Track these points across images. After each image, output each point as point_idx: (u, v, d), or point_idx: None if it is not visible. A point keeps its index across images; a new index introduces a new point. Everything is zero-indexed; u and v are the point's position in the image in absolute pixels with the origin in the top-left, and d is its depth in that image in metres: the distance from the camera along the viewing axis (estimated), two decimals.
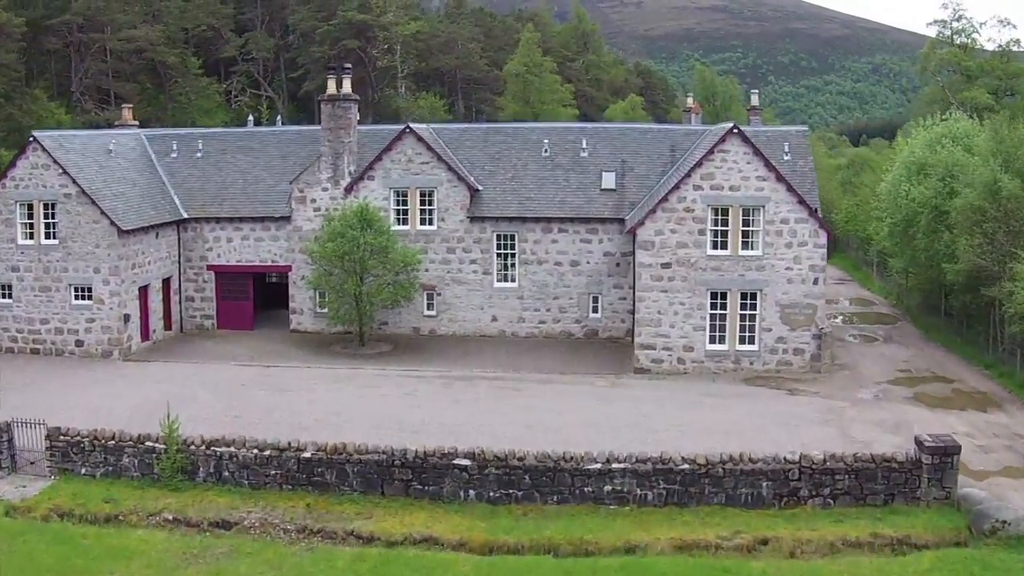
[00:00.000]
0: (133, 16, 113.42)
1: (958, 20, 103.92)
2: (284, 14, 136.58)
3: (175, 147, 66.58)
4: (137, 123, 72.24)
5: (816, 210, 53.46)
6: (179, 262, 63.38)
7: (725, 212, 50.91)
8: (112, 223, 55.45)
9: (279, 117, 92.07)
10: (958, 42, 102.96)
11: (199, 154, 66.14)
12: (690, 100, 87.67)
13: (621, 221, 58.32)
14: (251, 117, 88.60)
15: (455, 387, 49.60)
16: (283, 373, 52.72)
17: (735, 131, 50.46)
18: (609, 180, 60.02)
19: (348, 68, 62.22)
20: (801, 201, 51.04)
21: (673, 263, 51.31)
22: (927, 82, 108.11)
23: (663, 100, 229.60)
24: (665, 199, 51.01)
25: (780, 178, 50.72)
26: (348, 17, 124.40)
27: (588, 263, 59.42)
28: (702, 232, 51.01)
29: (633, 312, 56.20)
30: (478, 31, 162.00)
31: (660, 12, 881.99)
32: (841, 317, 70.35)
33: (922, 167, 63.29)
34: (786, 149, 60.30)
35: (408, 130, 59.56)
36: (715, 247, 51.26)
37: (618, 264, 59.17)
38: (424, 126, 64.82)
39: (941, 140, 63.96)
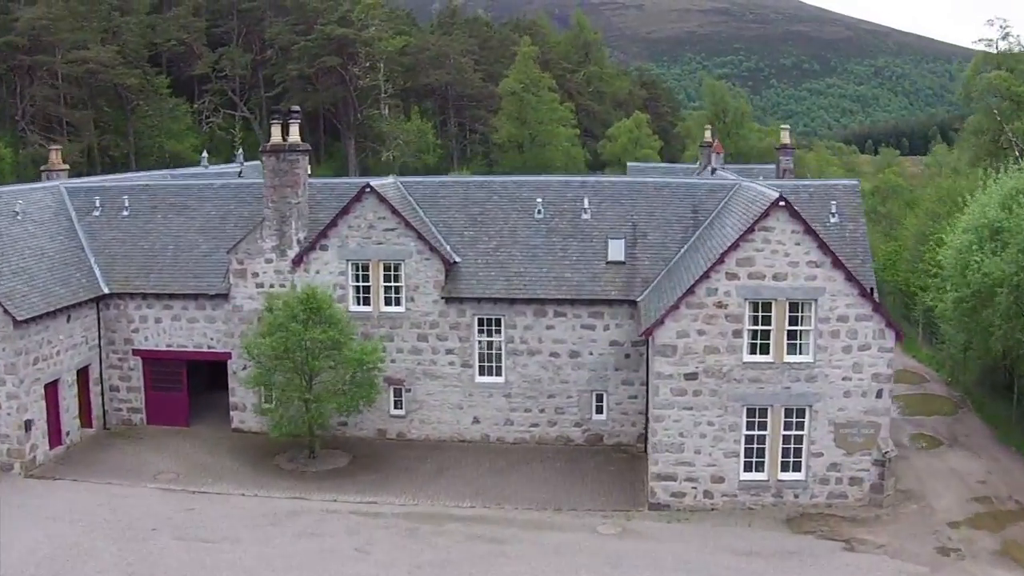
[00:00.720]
0: (89, 34, 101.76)
1: (1005, 38, 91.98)
2: (262, 27, 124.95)
3: (98, 204, 54.96)
4: (67, 168, 61.13)
5: (873, 291, 42.09)
6: (100, 346, 51.68)
7: (767, 308, 39.30)
8: (6, 312, 43.81)
9: (239, 155, 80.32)
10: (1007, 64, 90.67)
11: (125, 213, 54.45)
12: (708, 133, 75.58)
13: (632, 303, 46.69)
14: (204, 155, 77.02)
15: (420, 535, 38.18)
16: (208, 508, 41.21)
17: (781, 203, 38.70)
18: (617, 250, 48.22)
19: (296, 112, 50.10)
20: (864, 293, 39.36)
21: (700, 373, 39.70)
22: (973, 109, 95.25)
23: (668, 111, 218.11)
24: (691, 292, 39.33)
25: (837, 263, 39.07)
26: (327, 32, 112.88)
27: (591, 354, 47.67)
28: (737, 334, 39.38)
29: (647, 432, 44.69)
30: (472, 42, 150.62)
31: (662, 15, 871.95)
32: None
33: (996, 232, 51.03)
34: (833, 209, 48.74)
35: (368, 190, 47.76)
36: (754, 352, 39.60)
37: (628, 355, 47.45)
38: (391, 180, 52.79)
39: (1017, 197, 51.49)
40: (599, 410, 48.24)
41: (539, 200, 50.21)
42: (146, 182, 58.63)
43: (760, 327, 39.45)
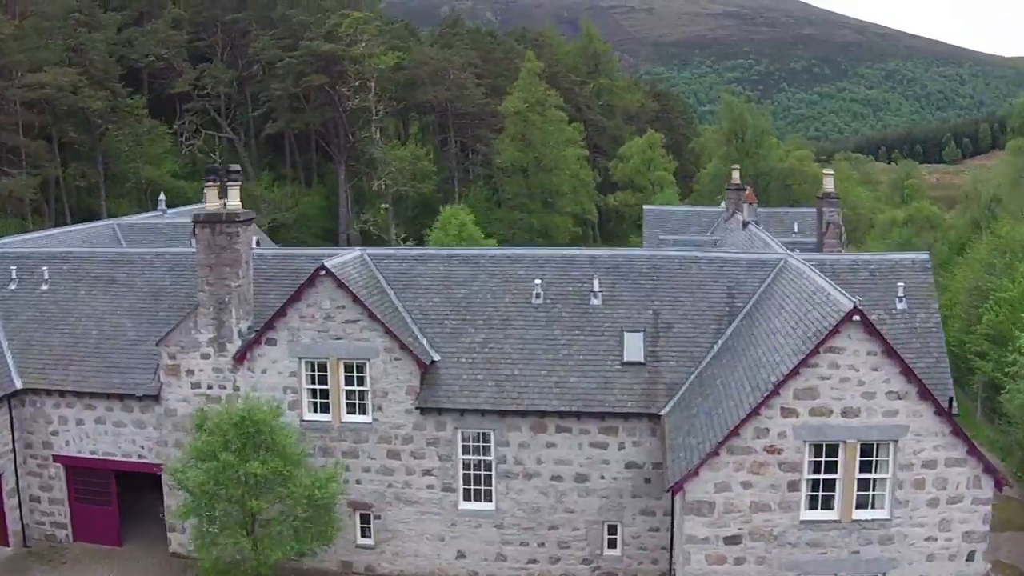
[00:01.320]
0: (51, 53, 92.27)
1: None
2: (247, 41, 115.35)
3: (14, 275, 45.50)
4: None
5: (952, 402, 33.00)
6: (15, 450, 42.22)
7: (833, 452, 29.60)
8: None
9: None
10: None
11: (44, 287, 44.88)
12: (736, 174, 65.62)
13: (653, 417, 37.02)
14: (161, 198, 67.61)
15: None
16: None
17: (856, 318, 28.96)
18: (635, 346, 38.55)
19: (236, 172, 40.10)
20: (956, 431, 29.67)
21: (744, 536, 30.06)
22: None
23: (682, 123, 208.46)
24: (735, 434, 29.58)
25: (925, 393, 29.43)
26: (312, 47, 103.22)
27: (602, 478, 38.01)
28: (794, 486, 29.67)
29: (671, 570, 35.18)
30: (474, 55, 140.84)
31: (672, 18, 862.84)
32: None
33: None
34: (900, 293, 38.93)
35: (324, 273, 38.07)
36: (814, 507, 29.93)
37: (648, 480, 37.71)
38: (356, 253, 42.83)
39: None
40: (612, 544, 38.56)
41: (538, 281, 40.48)
42: (69, 248, 48.74)
43: (823, 476, 29.73)
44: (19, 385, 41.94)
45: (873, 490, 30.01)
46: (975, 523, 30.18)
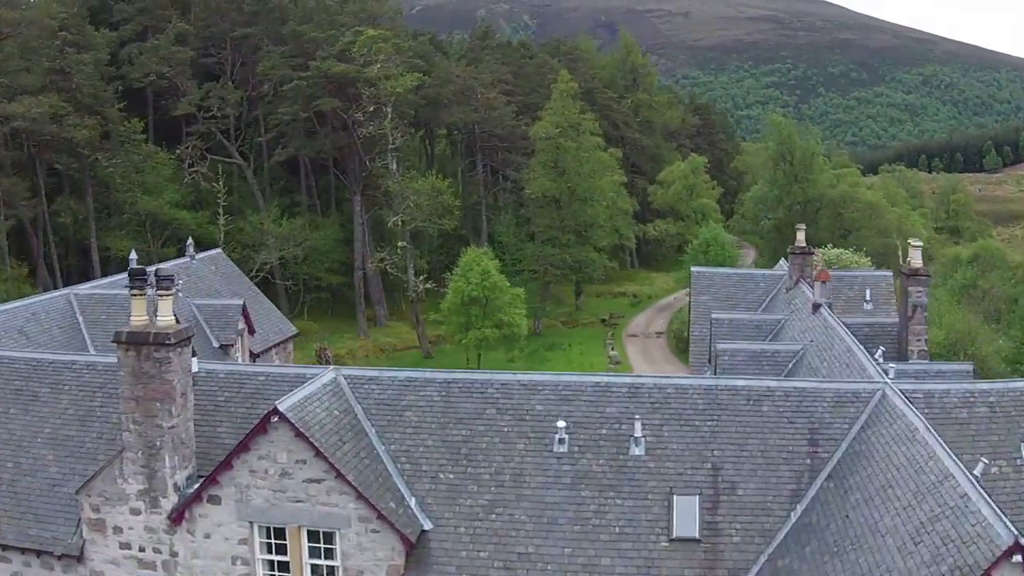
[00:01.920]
0: (32, 79, 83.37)
1: None
2: (257, 58, 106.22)
3: None
4: None
5: None
6: None
7: None
8: None
9: (189, 246, 62.00)
10: None
11: None
12: (801, 235, 55.36)
13: None
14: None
15: None
16: None
17: (1016, 556, 19.23)
18: (688, 515, 28.83)
19: (168, 279, 30.29)
20: None
21: None
22: None
23: (723, 139, 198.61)
24: None
25: None
26: (323, 68, 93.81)
27: None
28: None
29: None
30: (505, 70, 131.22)
31: (708, 22, 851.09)
32: None
33: None
34: None
35: (278, 418, 28.50)
36: None
37: None
38: (329, 375, 32.97)
39: None
40: None
41: (561, 424, 30.70)
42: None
43: None
44: None
45: None
46: None
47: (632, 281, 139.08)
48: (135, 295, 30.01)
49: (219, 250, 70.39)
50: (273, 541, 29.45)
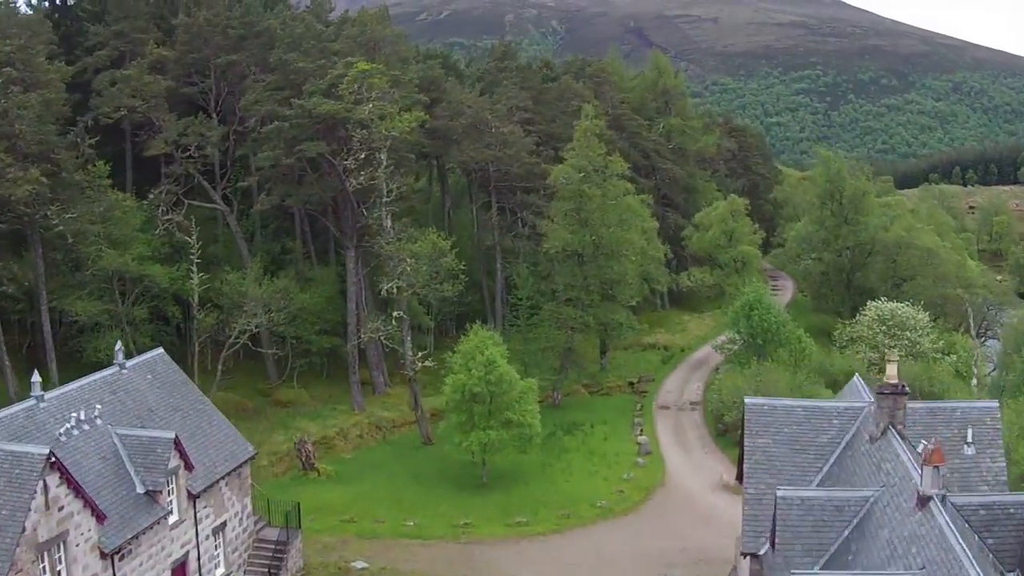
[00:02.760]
0: None
1: None
2: (244, 87, 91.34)
3: None
4: None
5: None
6: None
7: None
8: None
9: (119, 352, 47.76)
10: None
11: None
12: (893, 368, 39.67)
13: None
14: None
15: None
16: None
17: None
18: None
19: None
20: None
21: None
22: None
23: (759, 163, 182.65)
24: None
25: None
26: (307, 107, 78.52)
27: None
28: None
29: None
30: (524, 96, 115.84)
31: (738, 28, 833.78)
32: None
33: None
34: None
35: None
36: None
37: None
38: None
39: None
40: None
41: None
42: None
43: None
44: None
45: None
46: None
47: (663, 327, 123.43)
48: None
49: (159, 351, 55.38)
50: None
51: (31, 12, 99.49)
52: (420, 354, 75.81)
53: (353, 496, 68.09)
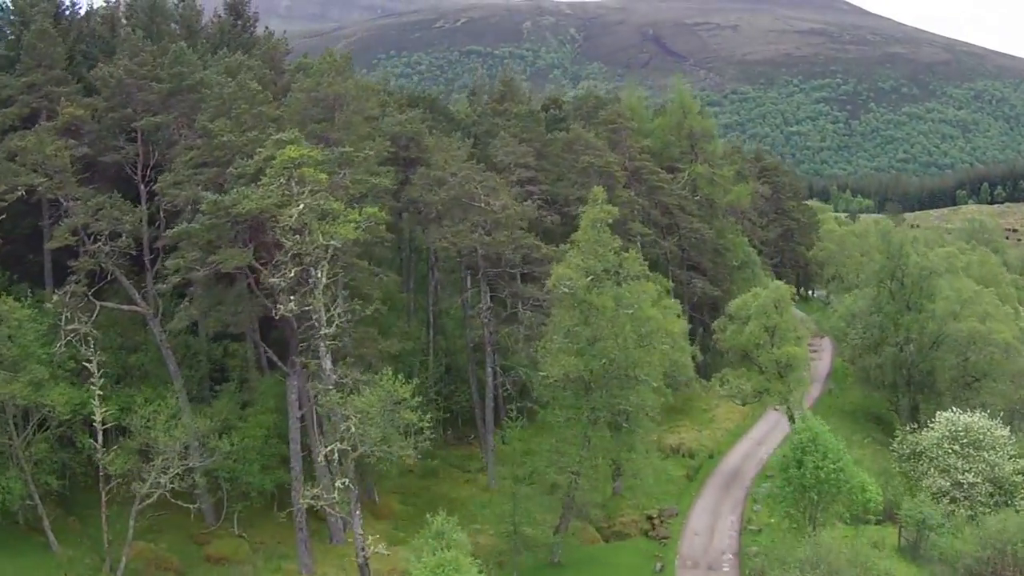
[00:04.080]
0: None
1: None
2: (173, 156, 71.13)
3: None
4: None
5: None
6: None
7: None
8: None
9: None
10: None
11: None
12: None
13: None
14: None
15: None
16: None
17: None
18: None
19: None
20: None
21: None
22: None
23: (792, 202, 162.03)
24: None
25: None
26: (224, 204, 57.92)
27: None
28: None
29: None
30: (525, 151, 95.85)
31: (757, 36, 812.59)
32: None
33: None
34: None
35: None
36: None
37: None
38: None
39: None
40: None
41: None
42: None
43: None
44: None
45: None
46: None
47: (687, 417, 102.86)
48: None
49: None
50: None
51: None
52: (372, 544, 54.72)
53: None
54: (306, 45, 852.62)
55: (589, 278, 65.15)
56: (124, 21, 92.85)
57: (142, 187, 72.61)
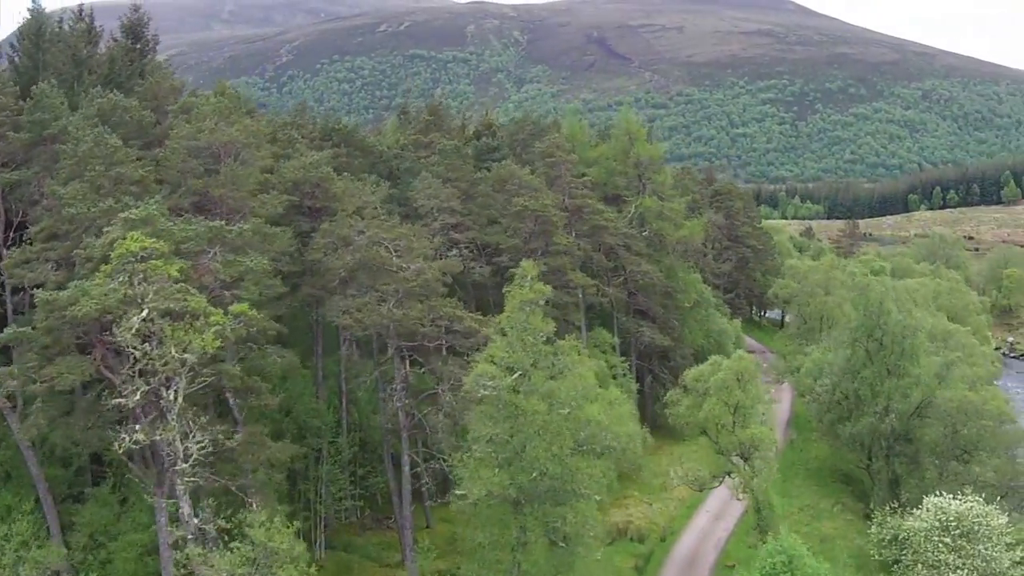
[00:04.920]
0: None
1: None
2: (35, 217, 59.34)
3: None
4: None
5: None
6: None
7: None
8: None
9: None
10: None
11: None
12: None
13: None
14: None
15: None
16: None
17: None
18: None
19: None
20: None
21: None
22: None
23: (747, 228, 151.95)
24: None
25: None
26: (57, 302, 45.99)
27: None
28: None
29: None
30: (451, 194, 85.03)
31: (703, 37, 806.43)
32: None
33: None
34: None
35: None
36: None
37: None
38: None
39: None
40: None
41: None
42: None
43: None
44: None
45: None
46: None
47: (635, 485, 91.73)
48: None
49: None
50: None
51: None
52: None
53: None
54: (249, 50, 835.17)
55: (516, 375, 53.86)
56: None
57: (3, 251, 60.83)
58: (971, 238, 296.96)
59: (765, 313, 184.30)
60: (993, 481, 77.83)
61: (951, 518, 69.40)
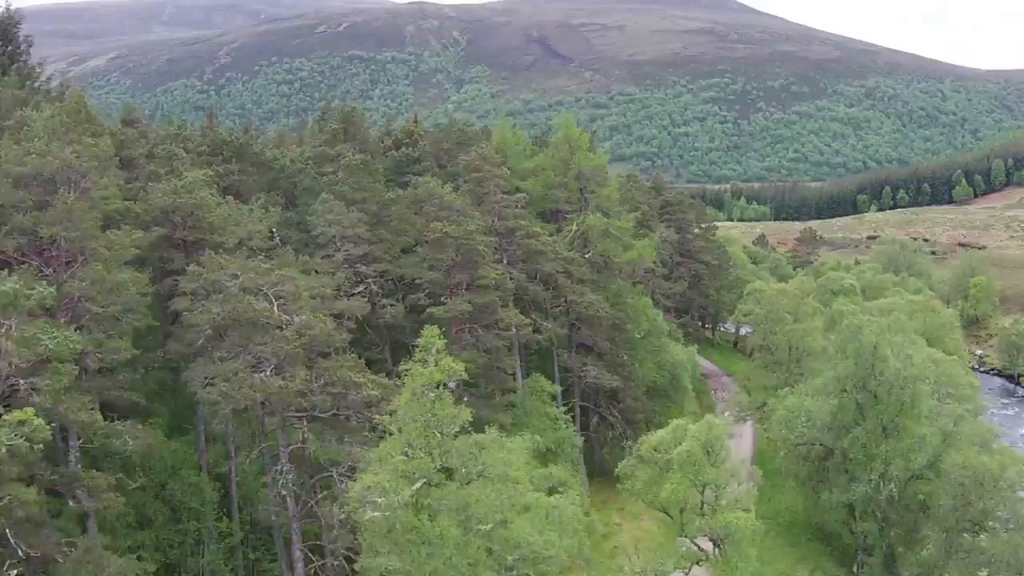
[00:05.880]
0: None
1: None
2: None
3: None
4: None
5: None
6: None
7: None
8: None
9: None
10: None
11: None
12: None
13: None
14: None
15: None
16: None
17: None
18: None
19: None
20: None
21: None
22: None
23: (701, 247, 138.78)
24: None
25: None
26: None
27: None
28: None
29: None
30: (358, 218, 70.70)
31: (644, 36, 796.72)
32: None
33: None
34: None
35: None
36: None
37: None
38: None
39: None
40: None
41: None
42: None
43: None
44: None
45: None
46: None
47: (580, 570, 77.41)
48: None
49: None
50: None
51: None
52: None
53: None
54: (190, 52, 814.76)
55: (417, 485, 39.33)
56: None
57: None
58: (926, 240, 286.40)
59: (716, 329, 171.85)
60: (1007, 556, 64.45)
61: None
